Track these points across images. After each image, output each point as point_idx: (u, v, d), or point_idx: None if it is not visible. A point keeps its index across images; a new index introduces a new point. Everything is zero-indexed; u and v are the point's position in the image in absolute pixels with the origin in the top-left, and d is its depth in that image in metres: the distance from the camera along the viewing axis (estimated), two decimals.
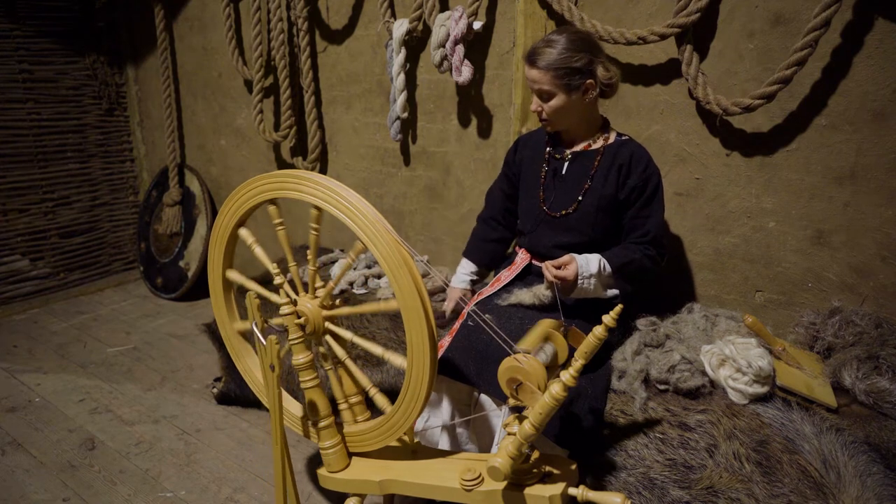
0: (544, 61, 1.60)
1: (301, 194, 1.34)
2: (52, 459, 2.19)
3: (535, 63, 1.62)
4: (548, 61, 1.60)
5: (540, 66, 1.61)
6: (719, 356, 1.59)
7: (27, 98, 3.49)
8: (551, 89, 1.63)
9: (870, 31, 1.65)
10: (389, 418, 1.40)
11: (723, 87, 1.88)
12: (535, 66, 1.62)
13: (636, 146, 1.73)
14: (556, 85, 1.62)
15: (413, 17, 2.36)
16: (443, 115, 2.55)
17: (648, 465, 1.48)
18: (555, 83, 1.62)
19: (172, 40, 3.55)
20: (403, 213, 2.83)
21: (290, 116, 2.95)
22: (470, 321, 1.69)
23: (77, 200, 3.80)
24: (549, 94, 1.64)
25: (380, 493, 1.43)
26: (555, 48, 1.60)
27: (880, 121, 1.68)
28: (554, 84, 1.62)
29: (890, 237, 1.73)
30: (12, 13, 3.37)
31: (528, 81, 1.66)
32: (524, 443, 1.19)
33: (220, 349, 2.52)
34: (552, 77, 1.61)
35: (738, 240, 1.98)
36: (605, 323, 1.22)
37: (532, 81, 1.65)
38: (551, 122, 1.71)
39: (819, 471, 1.35)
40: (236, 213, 1.47)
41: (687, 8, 1.82)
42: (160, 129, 3.84)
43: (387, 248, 1.25)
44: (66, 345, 3.09)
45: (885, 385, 1.48)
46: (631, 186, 1.69)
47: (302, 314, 1.40)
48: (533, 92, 1.68)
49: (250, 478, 2.08)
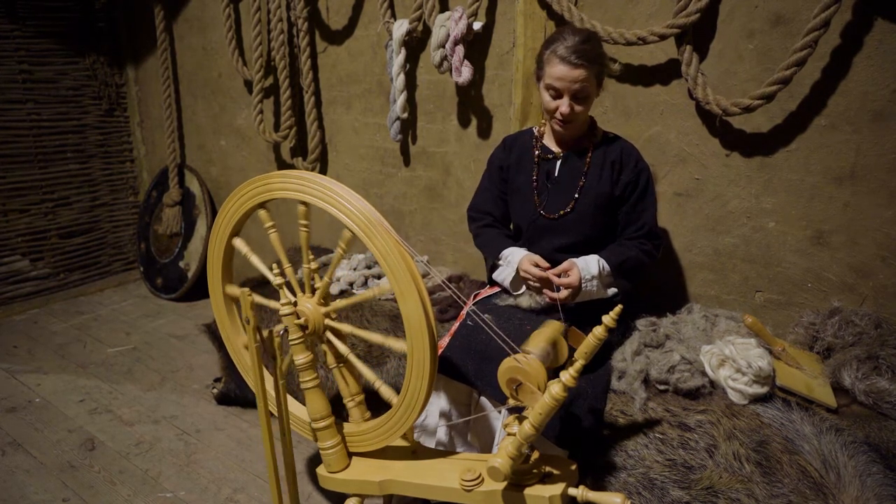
0: (589, 57, 1.54)
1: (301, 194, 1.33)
2: (52, 460, 2.19)
3: (580, 63, 1.53)
4: (591, 56, 1.55)
5: (587, 65, 1.54)
6: (719, 356, 1.59)
7: (27, 98, 3.50)
8: (590, 87, 1.59)
9: (869, 31, 1.65)
10: (389, 418, 1.40)
11: (722, 87, 1.88)
12: (581, 66, 1.54)
13: (624, 142, 1.75)
14: (595, 82, 1.59)
15: (413, 18, 2.36)
16: (443, 115, 2.55)
17: (648, 465, 1.48)
18: (594, 81, 1.59)
19: (172, 40, 3.55)
20: (403, 214, 2.83)
21: (290, 117, 2.95)
22: (469, 321, 1.69)
23: (77, 201, 3.80)
24: (587, 93, 1.59)
25: (380, 493, 1.43)
26: (589, 43, 1.56)
27: (880, 121, 1.68)
28: (594, 82, 1.59)
29: (890, 237, 1.73)
30: (12, 13, 3.37)
31: (564, 82, 1.56)
32: (524, 443, 1.19)
33: (220, 349, 2.52)
34: (594, 75, 1.58)
35: (737, 240, 1.98)
36: (605, 323, 1.22)
37: (573, 82, 1.55)
38: (575, 123, 1.66)
39: (819, 471, 1.35)
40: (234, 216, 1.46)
41: (687, 8, 1.82)
42: (160, 129, 3.84)
43: (387, 249, 1.25)
44: (66, 345, 3.09)
45: (884, 385, 1.48)
46: (625, 182, 1.70)
47: (302, 314, 1.40)
48: (566, 93, 1.58)
49: (250, 478, 2.08)
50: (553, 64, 1.57)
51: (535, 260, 1.64)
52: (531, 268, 1.62)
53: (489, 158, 1.91)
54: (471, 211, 1.93)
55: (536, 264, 1.62)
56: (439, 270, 2.57)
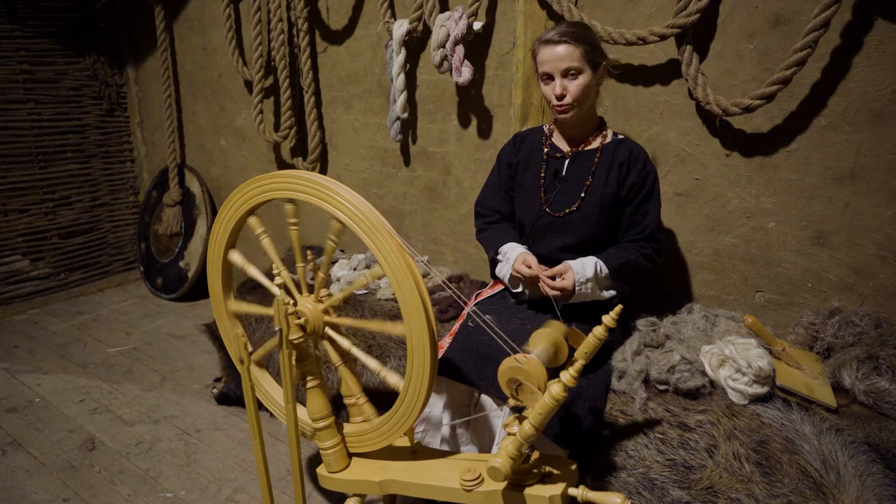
0: (572, 36, 1.56)
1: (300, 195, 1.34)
2: (53, 460, 2.19)
3: (562, 39, 1.56)
4: (575, 36, 1.57)
5: (570, 41, 1.56)
6: (719, 356, 1.59)
7: (28, 98, 3.50)
8: (580, 65, 1.58)
9: (869, 31, 1.65)
10: (389, 418, 1.40)
11: (722, 87, 1.88)
12: (562, 42, 1.56)
13: (633, 144, 1.74)
14: (585, 61, 1.59)
15: (413, 18, 2.36)
16: (443, 115, 2.55)
17: (648, 465, 1.48)
18: (583, 59, 1.58)
19: (173, 40, 3.56)
20: (403, 214, 2.83)
21: (290, 117, 2.95)
22: (470, 322, 1.69)
23: (77, 201, 3.80)
24: (578, 70, 1.59)
25: (380, 493, 1.43)
26: (575, 27, 1.59)
27: (880, 121, 1.68)
28: (582, 60, 1.58)
29: (890, 237, 1.73)
30: (13, 14, 3.37)
31: (552, 62, 1.58)
32: (524, 443, 1.19)
33: (220, 349, 2.52)
34: (582, 52, 1.58)
35: (737, 240, 1.98)
36: (605, 323, 1.22)
37: (559, 60, 1.58)
38: (574, 107, 1.64)
39: (819, 471, 1.35)
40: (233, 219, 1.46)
41: (687, 8, 1.82)
42: (160, 129, 3.85)
43: (387, 249, 1.25)
44: (66, 345, 3.09)
45: (884, 385, 1.48)
46: (631, 183, 1.70)
47: (302, 314, 1.40)
48: (556, 74, 1.60)
49: (250, 478, 2.08)
50: (540, 50, 1.62)
51: (528, 261, 1.65)
52: (522, 268, 1.65)
53: (498, 154, 1.92)
54: (478, 206, 1.94)
55: (529, 265, 1.64)
56: (439, 270, 2.57)
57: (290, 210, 1.37)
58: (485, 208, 1.91)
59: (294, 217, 1.38)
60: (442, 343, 1.71)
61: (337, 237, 1.33)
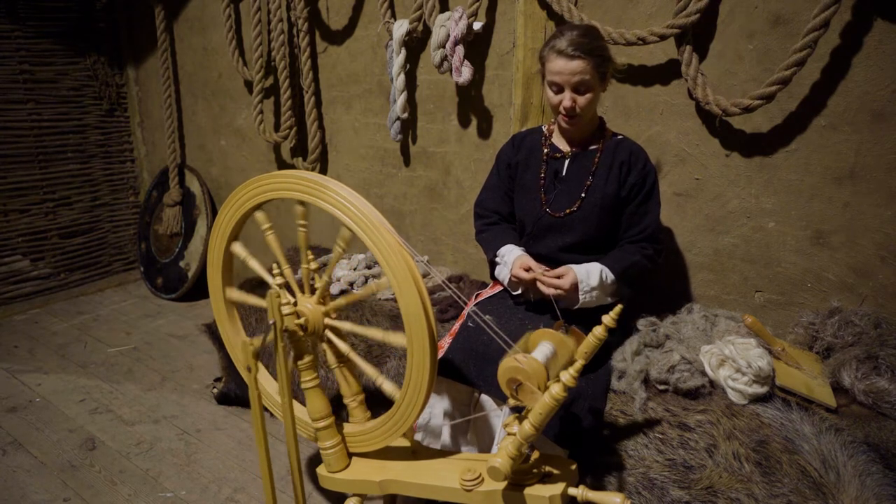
0: (585, 49, 1.55)
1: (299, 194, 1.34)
2: (53, 459, 2.19)
3: (576, 54, 1.54)
4: (588, 48, 1.55)
5: (583, 56, 1.55)
6: (719, 356, 1.59)
7: (28, 99, 3.50)
8: (591, 80, 1.58)
9: (869, 31, 1.65)
10: (389, 418, 1.40)
11: (722, 87, 1.89)
12: (578, 57, 1.55)
13: (633, 144, 1.74)
14: (596, 74, 1.59)
15: (413, 18, 2.36)
16: (443, 115, 2.55)
17: (648, 465, 1.49)
18: (595, 73, 1.58)
19: (173, 41, 3.56)
20: (403, 214, 2.84)
21: (290, 117, 2.95)
22: (470, 322, 1.69)
23: (78, 201, 3.81)
24: (588, 85, 1.59)
25: (380, 493, 1.43)
26: (587, 37, 1.57)
27: (880, 121, 1.68)
28: (594, 74, 1.58)
29: (889, 237, 1.73)
30: (13, 14, 3.37)
31: (564, 76, 1.57)
32: (524, 443, 1.19)
33: (220, 349, 2.52)
34: (594, 66, 1.57)
35: (737, 240, 1.98)
36: (605, 323, 1.22)
37: (570, 74, 1.56)
38: (581, 118, 1.65)
39: (818, 471, 1.35)
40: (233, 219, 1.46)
41: (686, 9, 1.82)
42: (160, 129, 3.85)
43: (387, 249, 1.25)
44: (66, 345, 3.09)
45: (884, 385, 1.48)
46: (631, 183, 1.70)
47: (302, 314, 1.40)
48: (566, 87, 1.59)
49: (250, 478, 2.08)
50: (552, 59, 1.59)
51: (526, 264, 1.66)
52: (521, 272, 1.66)
53: (497, 154, 1.91)
54: (478, 207, 1.93)
55: (528, 268, 1.65)
56: (439, 270, 2.57)
57: (300, 212, 1.37)
58: (484, 209, 1.91)
59: (303, 219, 1.38)
60: (442, 343, 1.71)
61: (346, 244, 1.34)
